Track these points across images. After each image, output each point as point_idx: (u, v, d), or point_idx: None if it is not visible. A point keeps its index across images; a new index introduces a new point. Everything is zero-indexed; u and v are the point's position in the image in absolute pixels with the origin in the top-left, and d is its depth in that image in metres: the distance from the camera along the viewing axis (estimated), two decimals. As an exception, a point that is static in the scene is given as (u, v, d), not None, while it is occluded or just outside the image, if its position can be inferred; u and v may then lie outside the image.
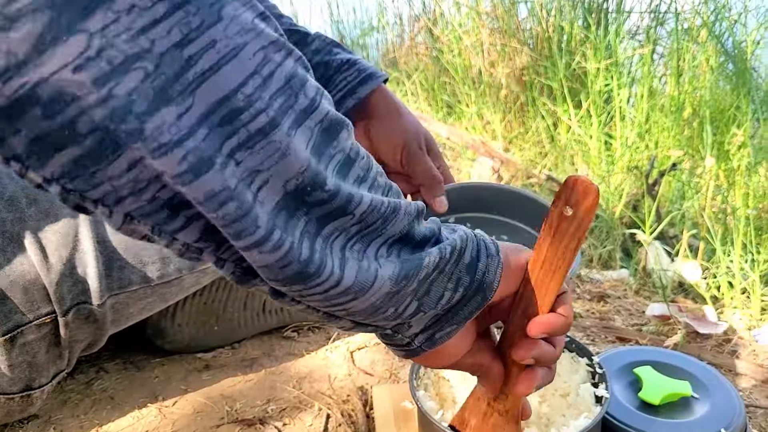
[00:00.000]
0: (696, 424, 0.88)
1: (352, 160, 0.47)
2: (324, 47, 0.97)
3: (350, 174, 0.46)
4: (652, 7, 2.73)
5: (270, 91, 0.40)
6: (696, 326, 1.24)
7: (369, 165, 0.49)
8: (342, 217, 0.45)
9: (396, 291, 0.49)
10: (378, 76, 0.97)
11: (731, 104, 2.27)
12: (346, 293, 0.47)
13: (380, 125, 0.96)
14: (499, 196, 0.99)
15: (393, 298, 0.49)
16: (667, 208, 1.95)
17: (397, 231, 0.49)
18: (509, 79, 2.64)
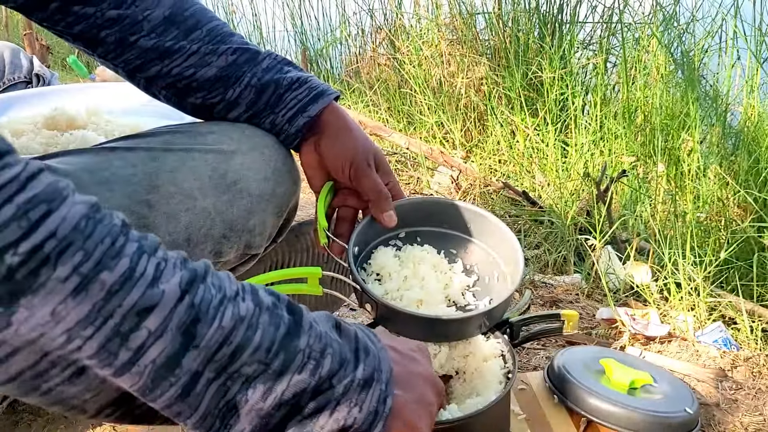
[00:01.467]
0: (664, 403, 0.99)
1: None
2: (275, 65, 1.00)
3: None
4: (604, 18, 2.81)
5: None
6: (641, 329, 1.28)
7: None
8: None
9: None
10: (329, 93, 1.00)
11: (681, 111, 2.34)
12: None
13: (330, 142, 0.98)
14: (449, 211, 1.02)
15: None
16: (619, 213, 2.01)
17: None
18: (468, 89, 2.69)
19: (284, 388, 0.54)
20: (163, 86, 1.00)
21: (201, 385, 0.51)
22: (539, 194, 2.19)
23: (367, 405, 0.57)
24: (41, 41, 3.26)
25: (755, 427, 1.03)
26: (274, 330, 0.54)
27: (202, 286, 0.52)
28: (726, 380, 1.14)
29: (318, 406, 0.56)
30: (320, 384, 0.55)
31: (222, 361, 0.52)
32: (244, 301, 0.54)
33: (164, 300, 0.49)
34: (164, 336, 0.49)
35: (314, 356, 0.56)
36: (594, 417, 0.97)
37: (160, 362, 0.49)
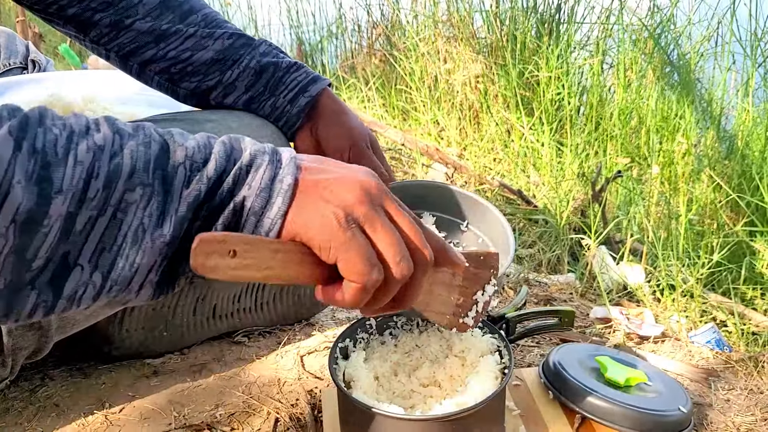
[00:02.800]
0: (658, 401, 0.99)
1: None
2: (271, 51, 1.01)
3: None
4: (601, 19, 2.81)
5: None
6: (635, 328, 1.29)
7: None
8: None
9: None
10: (323, 79, 1.01)
11: (676, 114, 2.35)
12: None
13: (328, 126, 0.99)
14: (440, 195, 1.04)
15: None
16: (613, 213, 2.01)
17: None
18: (464, 86, 2.68)
19: (176, 204, 0.51)
20: (157, 71, 1.00)
21: (81, 223, 0.48)
22: (534, 193, 2.19)
23: (258, 182, 0.53)
24: (34, 29, 3.22)
25: (747, 427, 1.04)
26: (145, 149, 0.51)
27: (40, 129, 0.48)
28: (718, 380, 1.15)
29: (214, 208, 0.53)
30: (211, 186, 0.53)
31: (98, 195, 0.48)
32: (99, 132, 0.50)
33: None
34: (12, 191, 0.45)
35: (196, 166, 0.53)
36: (589, 413, 0.98)
37: (22, 218, 0.46)
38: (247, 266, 0.51)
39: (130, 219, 0.50)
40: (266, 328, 1.25)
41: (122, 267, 0.51)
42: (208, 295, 1.14)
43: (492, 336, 0.98)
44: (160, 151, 0.52)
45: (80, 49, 3.33)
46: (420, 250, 0.57)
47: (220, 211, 0.53)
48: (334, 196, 0.54)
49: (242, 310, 1.21)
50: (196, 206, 0.52)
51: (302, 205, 0.54)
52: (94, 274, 0.50)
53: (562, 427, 0.99)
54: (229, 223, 0.54)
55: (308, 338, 1.23)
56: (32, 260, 0.48)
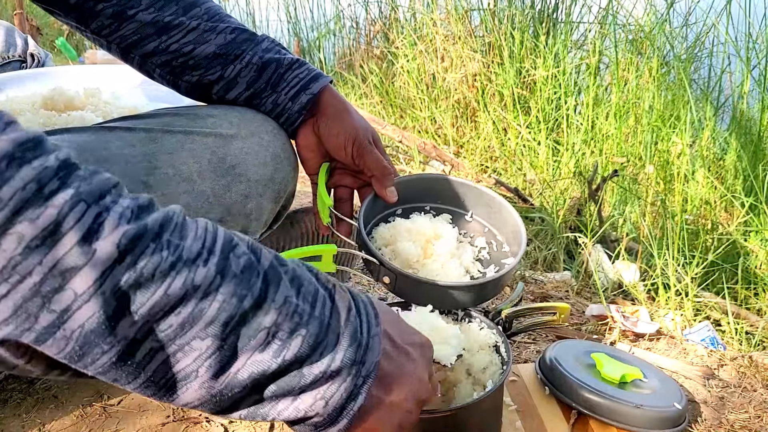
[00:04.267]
0: (653, 397, 1.00)
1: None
2: (273, 47, 1.01)
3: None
4: (598, 19, 2.83)
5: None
6: (631, 326, 1.30)
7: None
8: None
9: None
10: (325, 76, 1.01)
11: (671, 114, 2.36)
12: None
13: (330, 122, 0.99)
14: (443, 186, 1.04)
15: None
16: (609, 212, 2.02)
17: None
18: (461, 84, 2.69)
19: (240, 367, 0.49)
20: (158, 64, 1.00)
21: (141, 354, 0.46)
22: (530, 192, 2.20)
23: (335, 400, 0.52)
24: (32, 22, 3.22)
25: (741, 424, 1.05)
26: (237, 302, 0.48)
27: (152, 245, 0.45)
28: (713, 378, 1.16)
29: (279, 391, 0.51)
30: (284, 368, 0.50)
31: (168, 332, 0.46)
32: (204, 266, 0.47)
33: (95, 260, 0.43)
34: (93, 300, 0.43)
35: (281, 336, 0.50)
36: (584, 409, 0.99)
37: (90, 327, 0.44)
38: None
39: (187, 362, 0.48)
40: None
41: (164, 395, 0.50)
42: None
43: (491, 331, 0.98)
44: (251, 308, 0.49)
45: (77, 43, 3.32)
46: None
47: (281, 403, 0.52)
48: (389, 422, 0.58)
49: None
50: (258, 377, 0.50)
51: (361, 426, 0.56)
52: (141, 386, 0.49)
53: (558, 422, 1.00)
54: (285, 421, 0.53)
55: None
56: (87, 367, 0.46)
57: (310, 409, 0.52)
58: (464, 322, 1.02)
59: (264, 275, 0.51)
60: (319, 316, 0.52)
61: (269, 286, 0.50)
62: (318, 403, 0.52)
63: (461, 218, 1.04)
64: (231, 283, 0.48)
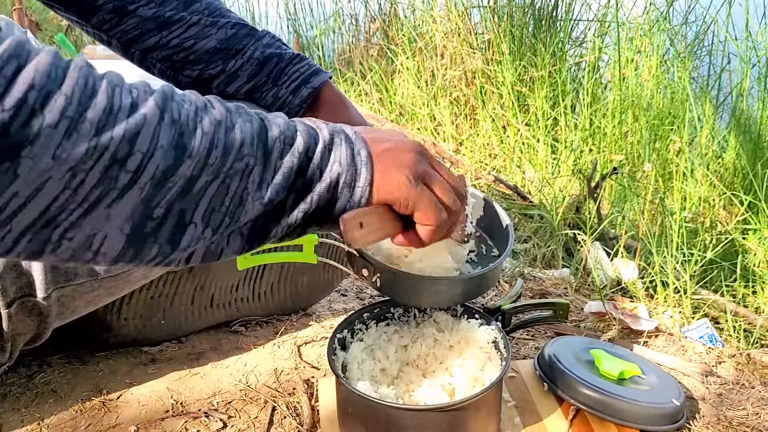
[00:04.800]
0: (652, 394, 1.01)
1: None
2: (274, 42, 1.02)
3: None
4: (598, 17, 2.82)
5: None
6: (629, 323, 1.30)
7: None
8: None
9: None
10: (325, 71, 1.03)
11: (670, 112, 2.37)
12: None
13: (328, 116, 1.00)
14: None
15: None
16: (608, 210, 2.03)
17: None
18: (461, 82, 2.69)
19: (272, 173, 0.60)
20: (159, 59, 1.00)
21: (199, 185, 0.56)
22: (529, 189, 2.20)
23: (343, 157, 0.63)
24: (30, 17, 3.21)
25: (739, 420, 1.05)
26: (249, 126, 0.59)
27: (174, 103, 0.55)
28: (711, 375, 1.16)
29: (307, 181, 0.62)
30: (301, 162, 0.61)
31: (215, 163, 0.56)
32: (214, 108, 0.58)
33: (147, 122, 0.52)
34: (156, 154, 0.53)
35: (288, 141, 0.61)
36: (583, 405, 0.99)
37: (158, 176, 0.53)
38: (370, 232, 0.65)
39: (236, 184, 0.58)
40: (264, 317, 1.26)
41: (228, 224, 0.59)
42: (206, 284, 1.15)
43: (489, 327, 0.99)
44: (261, 128, 0.60)
45: (76, 39, 3.31)
46: (459, 191, 0.73)
47: (313, 184, 0.62)
48: (399, 161, 0.66)
49: (240, 299, 1.22)
50: (290, 176, 0.61)
51: (380, 171, 0.65)
52: (206, 230, 0.58)
53: (557, 418, 1.01)
54: (323, 194, 0.63)
55: (305, 328, 1.24)
56: (154, 208, 0.55)
57: (333, 174, 0.63)
58: (463, 318, 1.02)
59: (251, 109, 0.62)
60: (303, 123, 0.65)
61: (260, 114, 0.62)
62: (335, 166, 0.63)
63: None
64: (239, 117, 0.59)
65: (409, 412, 0.87)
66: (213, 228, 0.58)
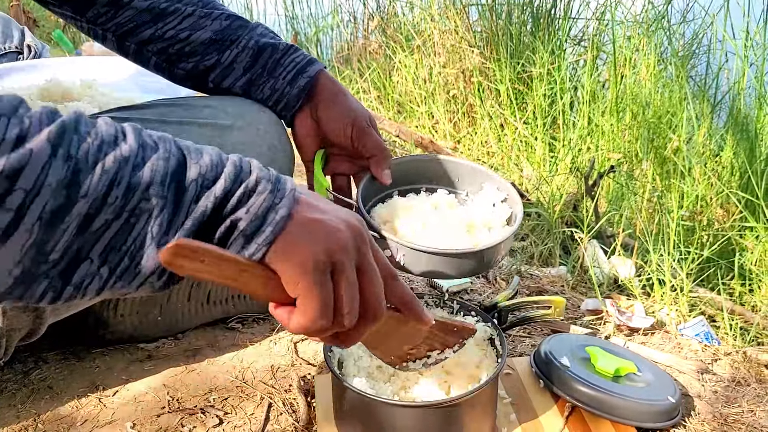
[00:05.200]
0: (647, 391, 1.01)
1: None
2: (267, 33, 1.02)
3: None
4: (597, 15, 2.82)
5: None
6: (625, 321, 1.30)
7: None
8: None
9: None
10: (319, 62, 1.02)
11: (668, 110, 2.37)
12: None
13: (328, 107, 1.00)
14: (438, 167, 1.06)
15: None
16: (605, 208, 2.03)
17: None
18: (459, 80, 2.69)
19: (183, 217, 0.55)
20: (155, 51, 1.00)
21: (98, 223, 0.52)
22: (527, 187, 2.20)
23: (256, 207, 0.56)
24: (28, 14, 3.20)
25: (734, 418, 1.05)
26: (164, 164, 0.54)
27: (75, 136, 0.51)
28: (707, 373, 1.17)
29: (214, 222, 0.57)
30: (215, 205, 0.56)
31: (117, 203, 0.52)
32: (126, 142, 0.54)
33: (33, 159, 0.49)
34: (42, 193, 0.49)
35: (206, 183, 0.56)
36: (579, 402, 0.99)
37: (47, 217, 0.50)
38: (210, 272, 0.54)
39: (142, 225, 0.54)
40: (260, 314, 1.26)
41: (128, 266, 0.55)
42: (203, 281, 1.15)
43: (485, 324, 0.99)
44: (178, 167, 0.55)
45: (74, 36, 3.31)
46: (371, 308, 0.61)
47: (218, 226, 0.57)
48: (319, 239, 0.57)
49: (237, 296, 1.22)
50: (201, 221, 0.56)
51: (288, 239, 0.57)
52: (102, 268, 0.54)
53: (552, 415, 1.01)
54: (221, 236, 0.57)
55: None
56: (50, 253, 0.51)
57: (234, 219, 0.56)
58: (460, 315, 1.02)
59: (175, 143, 0.57)
60: (234, 162, 0.58)
61: (184, 149, 0.57)
62: (240, 212, 0.56)
63: (457, 197, 1.05)
64: (153, 153, 0.55)
65: (406, 409, 0.87)
66: (110, 267, 0.54)
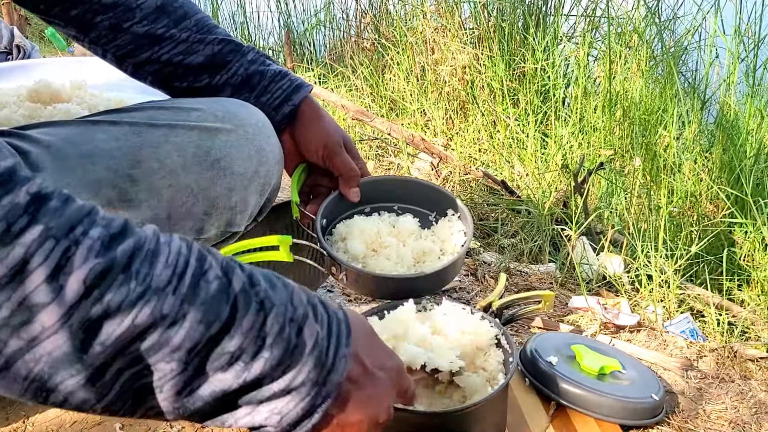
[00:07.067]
0: (632, 389, 1.03)
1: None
2: (258, 58, 1.07)
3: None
4: (588, 12, 2.83)
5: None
6: (612, 318, 1.31)
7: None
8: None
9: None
10: (306, 86, 1.09)
11: (659, 106, 2.37)
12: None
13: (306, 129, 1.07)
14: (409, 187, 1.14)
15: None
16: (595, 205, 2.04)
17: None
18: (451, 77, 2.70)
19: (202, 384, 0.50)
20: (150, 72, 1.05)
21: (109, 374, 0.47)
22: (518, 184, 2.21)
23: (290, 417, 0.52)
24: (20, 11, 3.20)
25: (717, 414, 1.07)
26: (203, 329, 0.48)
27: (121, 276, 0.46)
28: (691, 369, 1.18)
29: (240, 402, 0.52)
30: (245, 386, 0.51)
31: (135, 356, 0.47)
32: (174, 294, 0.48)
33: (62, 297, 0.44)
34: (60, 332, 0.45)
35: (244, 359, 0.50)
36: (564, 401, 1.00)
37: (58, 356, 0.45)
38: None
39: (153, 379, 0.49)
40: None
41: (129, 407, 0.50)
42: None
43: (489, 324, 0.98)
44: (217, 334, 0.49)
45: (66, 34, 3.30)
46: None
47: (238, 411, 0.52)
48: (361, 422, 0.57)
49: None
50: (220, 394, 0.51)
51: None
52: (100, 403, 0.49)
53: (538, 413, 1.02)
54: (244, 427, 0.53)
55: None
56: (55, 391, 0.47)
57: (264, 422, 0.52)
58: (467, 313, 1.01)
59: (234, 300, 0.51)
60: (286, 338, 0.52)
61: (238, 311, 0.50)
62: (273, 417, 0.52)
63: (425, 218, 1.11)
64: (199, 311, 0.48)
65: (426, 416, 0.87)
66: (108, 402, 0.49)
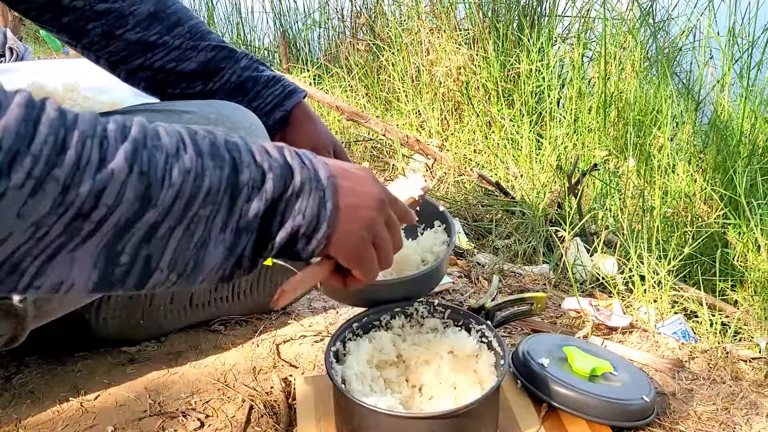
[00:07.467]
0: (622, 391, 1.02)
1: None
2: (251, 65, 1.07)
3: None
4: (582, 13, 2.83)
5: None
6: (604, 319, 1.32)
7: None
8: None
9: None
10: (299, 92, 1.09)
11: (653, 107, 2.38)
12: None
13: (296, 133, 1.08)
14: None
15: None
16: (589, 206, 2.04)
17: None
18: (446, 78, 2.70)
19: (238, 218, 0.61)
20: (143, 78, 1.05)
21: (163, 230, 0.57)
22: (512, 185, 2.22)
23: (310, 210, 0.65)
24: (14, 12, 3.19)
25: (708, 416, 1.07)
26: (219, 173, 0.59)
27: (146, 152, 0.55)
28: (683, 371, 1.18)
29: (269, 227, 0.63)
30: (267, 207, 0.62)
31: (178, 210, 0.57)
32: (186, 153, 0.58)
33: (114, 178, 0.53)
34: (121, 206, 0.54)
35: (256, 185, 0.62)
36: (555, 402, 1.00)
37: (121, 225, 0.55)
38: (302, 291, 0.73)
39: (201, 230, 0.59)
40: (243, 316, 1.27)
41: (192, 269, 0.61)
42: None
43: (480, 326, 0.98)
44: (231, 172, 0.61)
45: (61, 34, 3.29)
46: (398, 247, 0.76)
47: (273, 232, 0.64)
48: (360, 219, 0.69)
49: (219, 299, 1.23)
50: (255, 221, 0.62)
51: (340, 229, 0.67)
52: (170, 274, 0.60)
53: (530, 415, 1.02)
54: (282, 242, 0.65)
55: (284, 327, 1.25)
56: (120, 255, 0.56)
57: (293, 224, 0.64)
58: (450, 322, 1.01)
59: (226, 146, 0.62)
60: (277, 160, 0.64)
61: (233, 153, 0.62)
62: (297, 217, 0.64)
63: (412, 230, 1.06)
64: (209, 159, 0.59)
65: (418, 420, 0.87)
66: (178, 272, 0.60)
